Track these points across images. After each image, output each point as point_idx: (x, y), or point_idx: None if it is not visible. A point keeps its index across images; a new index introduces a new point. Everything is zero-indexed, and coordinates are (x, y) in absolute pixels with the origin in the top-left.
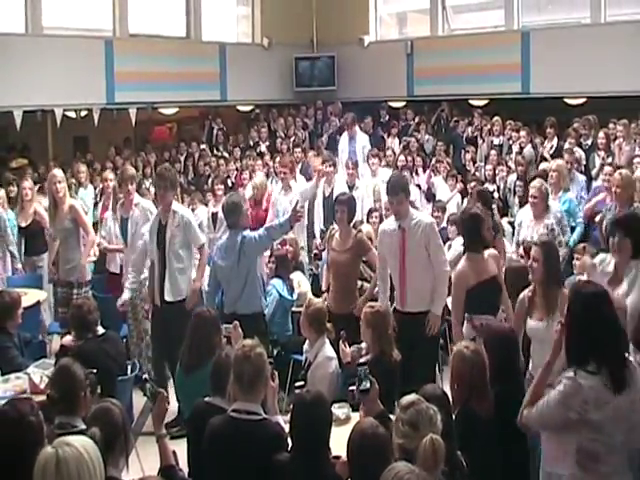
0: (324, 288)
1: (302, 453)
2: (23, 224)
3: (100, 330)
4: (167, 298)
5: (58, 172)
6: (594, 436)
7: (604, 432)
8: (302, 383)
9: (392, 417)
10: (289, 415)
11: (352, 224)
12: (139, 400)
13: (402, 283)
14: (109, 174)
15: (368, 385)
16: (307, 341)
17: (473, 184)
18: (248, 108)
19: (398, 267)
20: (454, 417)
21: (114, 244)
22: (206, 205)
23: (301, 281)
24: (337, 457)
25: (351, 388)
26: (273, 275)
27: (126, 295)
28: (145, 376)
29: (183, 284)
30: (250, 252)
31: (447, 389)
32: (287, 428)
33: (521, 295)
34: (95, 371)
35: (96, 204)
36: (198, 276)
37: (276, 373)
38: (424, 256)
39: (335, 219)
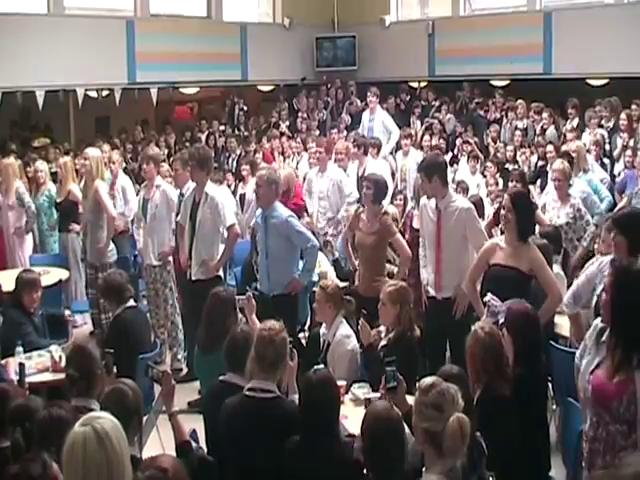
0: (353, 268)
1: (310, 434)
2: (59, 200)
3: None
4: (193, 277)
5: (89, 151)
6: None
7: None
8: (322, 366)
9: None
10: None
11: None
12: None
13: (438, 266)
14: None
15: (395, 384)
16: (323, 324)
17: (489, 164)
18: (269, 88)
19: (434, 248)
20: (475, 398)
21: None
22: (228, 185)
23: (322, 261)
24: (351, 435)
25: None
26: None
27: None
28: (148, 362)
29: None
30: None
31: None
32: None
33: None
34: (112, 351)
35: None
36: (222, 257)
37: (295, 352)
38: (460, 241)
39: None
